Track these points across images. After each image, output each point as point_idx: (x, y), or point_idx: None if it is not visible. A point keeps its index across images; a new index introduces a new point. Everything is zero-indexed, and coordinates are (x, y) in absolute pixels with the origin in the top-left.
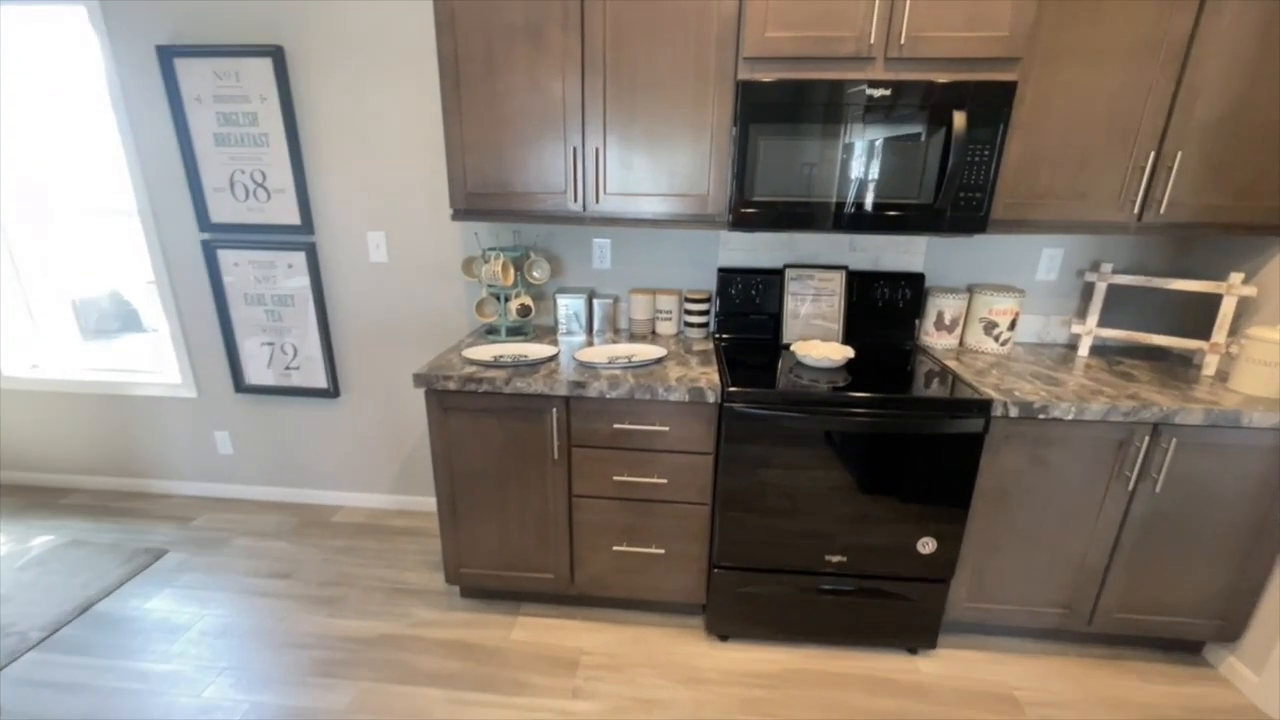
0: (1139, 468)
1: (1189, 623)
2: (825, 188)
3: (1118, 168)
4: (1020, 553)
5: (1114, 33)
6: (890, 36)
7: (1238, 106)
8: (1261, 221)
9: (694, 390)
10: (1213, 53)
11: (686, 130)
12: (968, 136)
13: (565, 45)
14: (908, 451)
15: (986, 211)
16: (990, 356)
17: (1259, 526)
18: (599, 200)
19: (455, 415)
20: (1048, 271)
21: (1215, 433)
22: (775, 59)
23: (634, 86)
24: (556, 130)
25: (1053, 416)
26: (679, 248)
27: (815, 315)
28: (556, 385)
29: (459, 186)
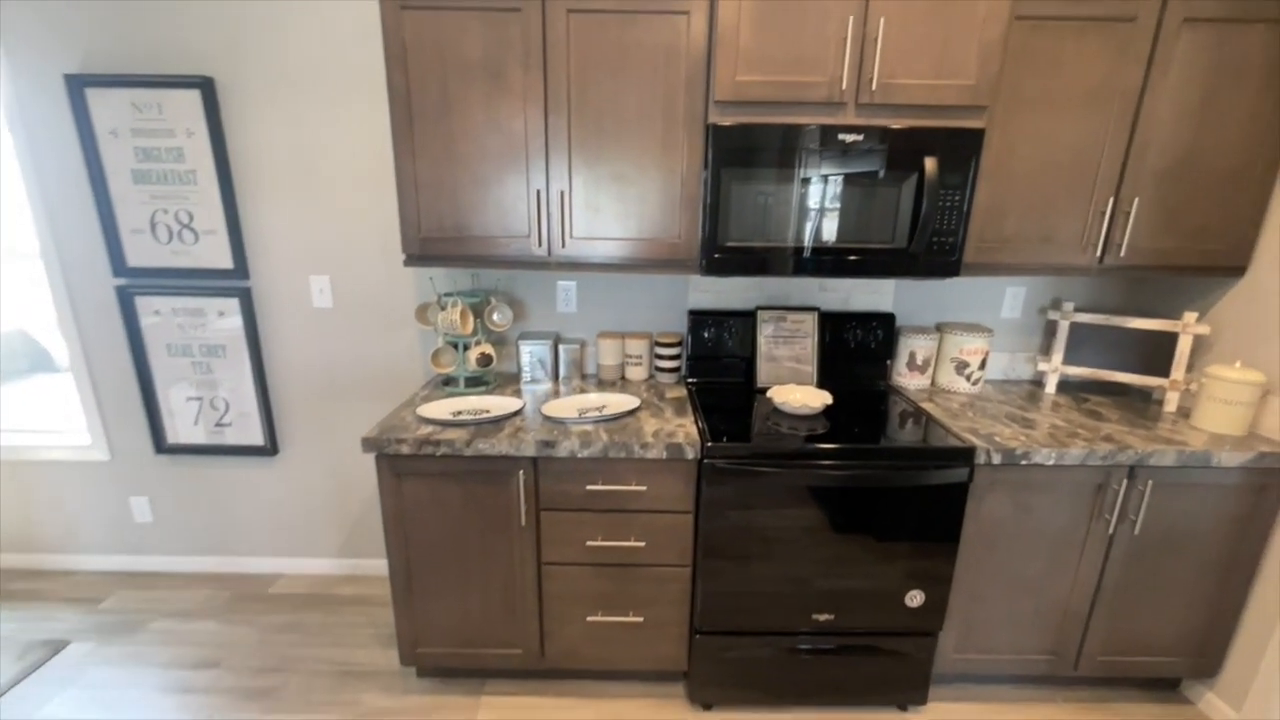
0: (1118, 510)
1: (1168, 661)
2: (799, 232)
3: (1080, 212)
4: (1007, 600)
5: (1071, 83)
6: (861, 82)
7: (1186, 155)
8: (1211, 263)
9: (672, 446)
10: (1162, 104)
11: (656, 173)
12: (939, 182)
13: (527, 84)
14: (893, 502)
15: (960, 255)
16: (963, 396)
17: (1231, 562)
18: (565, 245)
19: (410, 481)
20: (1011, 309)
21: (1187, 473)
22: (746, 103)
23: (600, 128)
24: (519, 172)
25: (1034, 462)
26: (647, 290)
27: (789, 358)
28: (523, 445)
29: (412, 230)
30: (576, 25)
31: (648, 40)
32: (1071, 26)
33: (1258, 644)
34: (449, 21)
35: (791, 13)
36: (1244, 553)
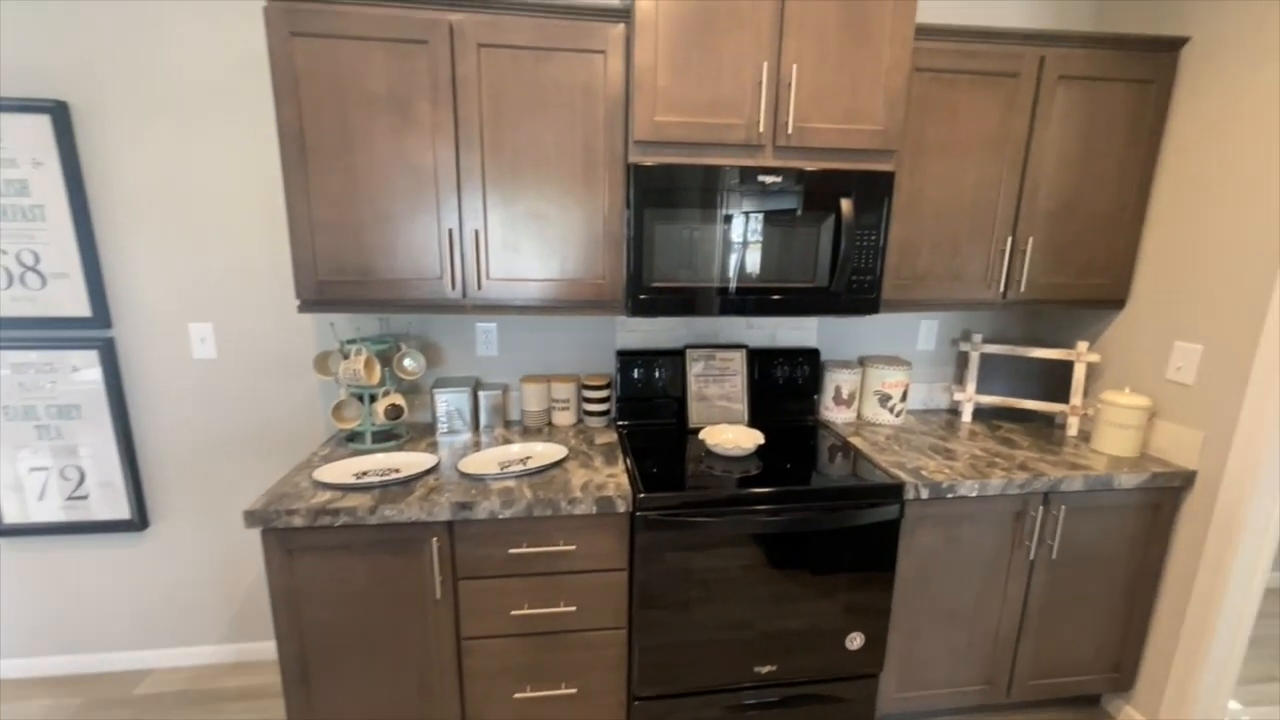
0: (1037, 536)
1: (1089, 679)
2: (724, 272)
3: (983, 251)
4: (943, 634)
5: (969, 130)
6: (778, 126)
7: (1070, 198)
8: (1097, 296)
9: (602, 500)
10: (1046, 151)
11: (578, 212)
12: (855, 222)
13: (436, 119)
14: (829, 543)
15: (878, 293)
16: (888, 429)
17: (1137, 579)
18: (481, 286)
19: (305, 557)
20: (926, 342)
21: (1094, 496)
22: (666, 143)
23: (517, 166)
24: (429, 210)
25: (960, 494)
26: (574, 330)
27: (720, 396)
28: (436, 509)
29: (308, 273)
30: (488, 60)
31: (564, 78)
32: (965, 79)
33: (1165, 656)
34: (348, 51)
35: (707, 58)
36: (1147, 569)
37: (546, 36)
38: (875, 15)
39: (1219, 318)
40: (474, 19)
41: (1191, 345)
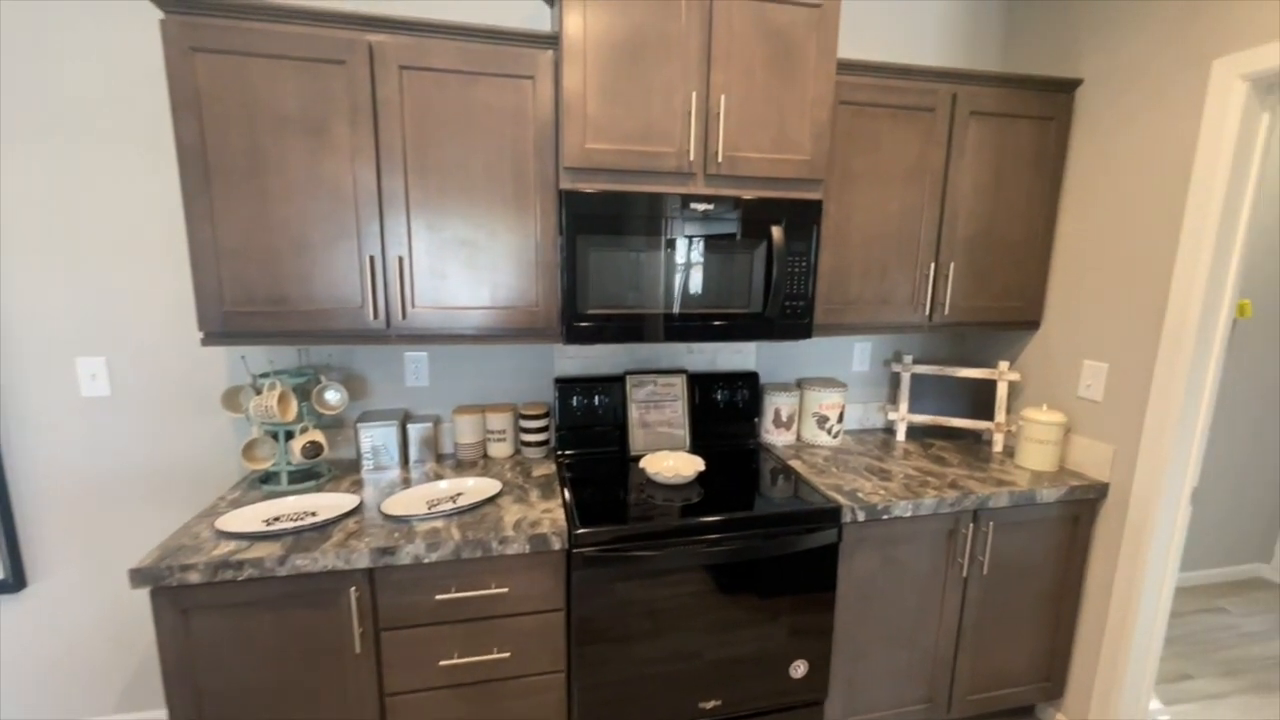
0: (969, 553)
1: (1023, 689)
2: (660, 299)
3: (909, 276)
4: (884, 655)
5: (892, 161)
6: (708, 154)
7: (986, 225)
8: (1014, 318)
9: (536, 538)
10: (963, 182)
11: (509, 238)
12: (787, 249)
13: (355, 142)
14: (770, 570)
15: (811, 318)
16: (826, 450)
17: (1062, 590)
18: (406, 315)
19: (203, 617)
20: (860, 363)
21: (1019, 511)
22: (598, 170)
23: (444, 191)
24: (349, 237)
25: (895, 515)
26: (510, 358)
27: (661, 422)
28: (355, 555)
29: (212, 303)
30: (412, 83)
31: (493, 102)
32: (886, 112)
33: (1090, 662)
34: (256, 70)
35: (637, 86)
36: (1070, 579)
37: (472, 60)
38: (799, 50)
39: (1120, 338)
40: (395, 41)
41: (1098, 364)
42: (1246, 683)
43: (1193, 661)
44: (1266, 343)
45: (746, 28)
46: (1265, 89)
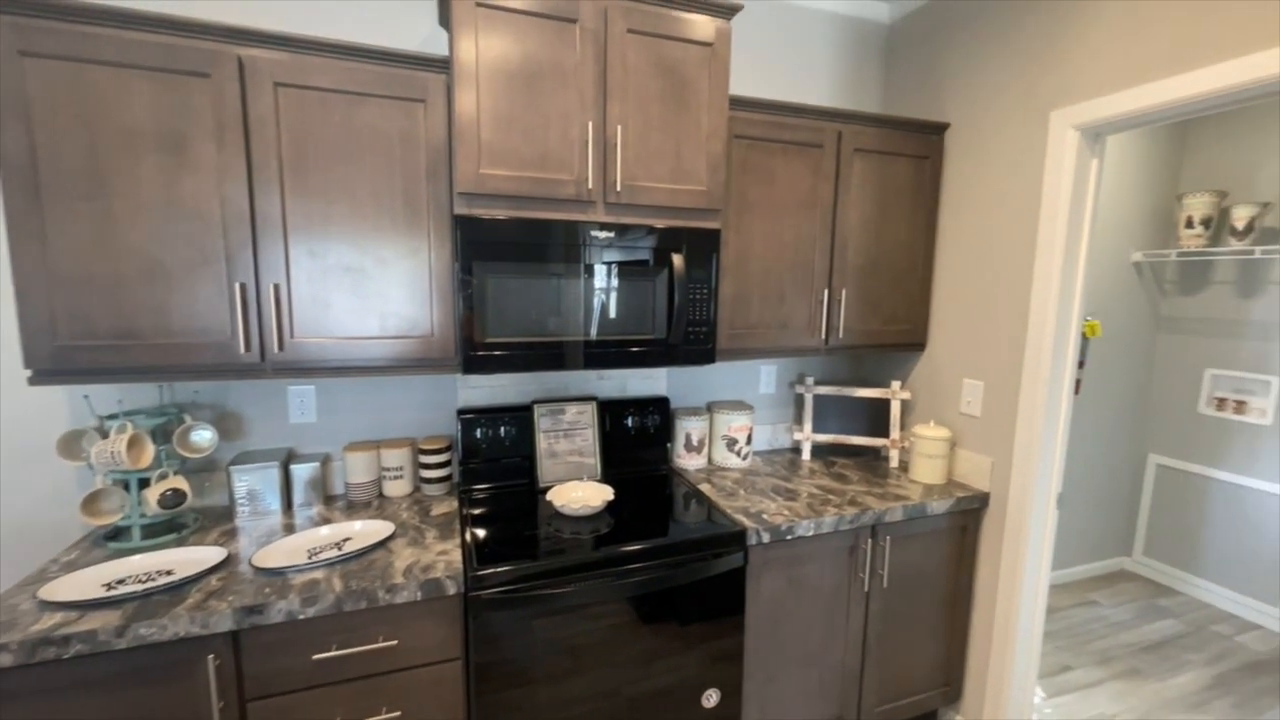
0: (869, 567)
1: (925, 696)
2: (562, 326)
3: (806, 302)
4: (794, 676)
5: (786, 193)
6: (607, 183)
7: (874, 254)
8: (902, 341)
9: (428, 584)
10: (851, 213)
11: (401, 265)
12: (688, 276)
13: (223, 163)
14: (677, 600)
15: (714, 343)
16: (736, 472)
17: (954, 596)
18: (284, 347)
19: (15, 709)
20: (767, 386)
21: (912, 524)
22: (495, 196)
23: (327, 215)
24: (215, 263)
25: (799, 535)
26: (409, 390)
27: (571, 451)
28: (215, 618)
29: (42, 337)
30: (289, 101)
31: (382, 125)
32: (778, 147)
33: (982, 663)
34: (101, 79)
35: (533, 115)
36: (961, 586)
37: (359, 81)
38: (693, 86)
39: (993, 357)
40: (270, 56)
41: (976, 382)
42: (1118, 669)
43: (1071, 653)
44: (1116, 357)
45: (641, 63)
46: (1093, 137)
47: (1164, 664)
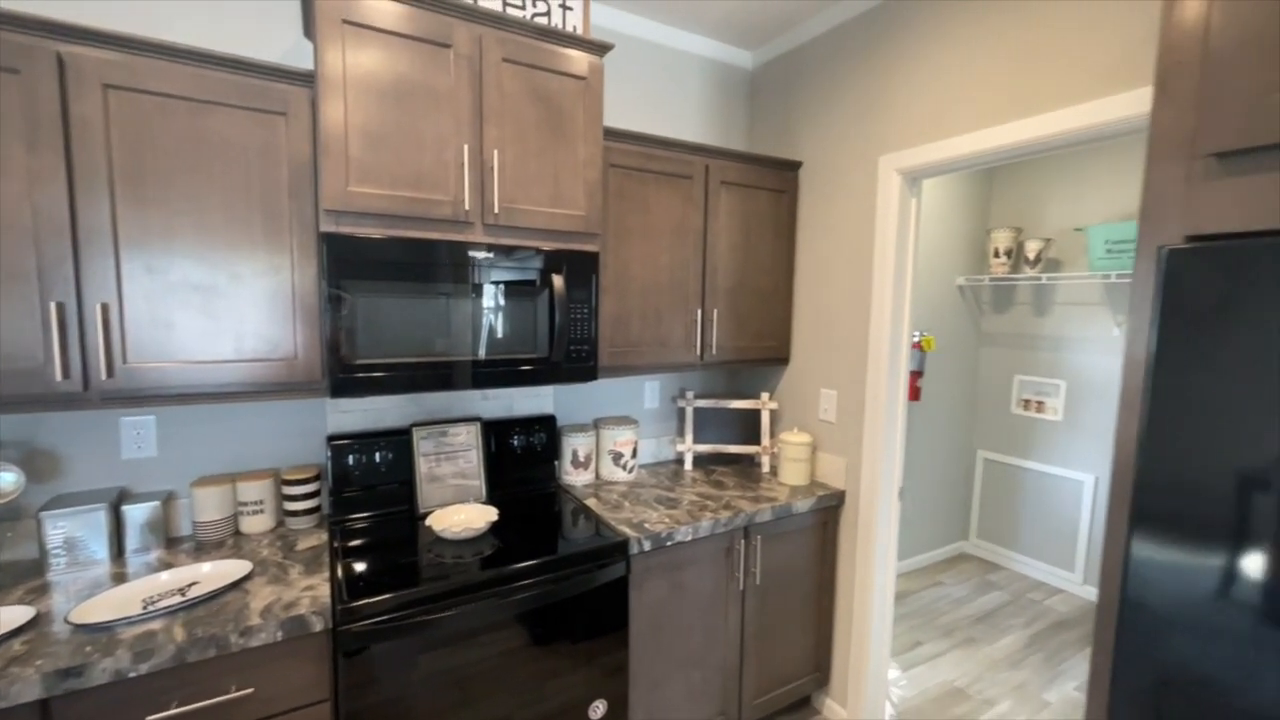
0: (744, 566)
1: (800, 684)
2: (442, 346)
3: (683, 321)
4: (679, 679)
5: (660, 220)
6: (485, 205)
7: (741, 277)
8: (769, 356)
9: (291, 623)
10: (719, 240)
11: (260, 284)
12: (568, 296)
13: (36, 166)
14: (563, 614)
15: (595, 361)
16: (622, 486)
17: (820, 587)
18: (114, 373)
19: None
20: (651, 400)
21: (780, 523)
22: (365, 214)
23: (170, 229)
24: (24, 280)
25: (678, 541)
26: (270, 416)
27: (454, 474)
28: (18, 687)
29: None
30: (121, 104)
31: (236, 136)
32: (651, 177)
33: (845, 647)
34: None
35: (406, 134)
36: (825, 578)
37: (207, 89)
38: (569, 116)
39: (843, 369)
40: (98, 55)
41: (831, 391)
42: (958, 639)
43: (922, 630)
44: (948, 367)
45: (518, 90)
46: (911, 180)
47: (992, 630)
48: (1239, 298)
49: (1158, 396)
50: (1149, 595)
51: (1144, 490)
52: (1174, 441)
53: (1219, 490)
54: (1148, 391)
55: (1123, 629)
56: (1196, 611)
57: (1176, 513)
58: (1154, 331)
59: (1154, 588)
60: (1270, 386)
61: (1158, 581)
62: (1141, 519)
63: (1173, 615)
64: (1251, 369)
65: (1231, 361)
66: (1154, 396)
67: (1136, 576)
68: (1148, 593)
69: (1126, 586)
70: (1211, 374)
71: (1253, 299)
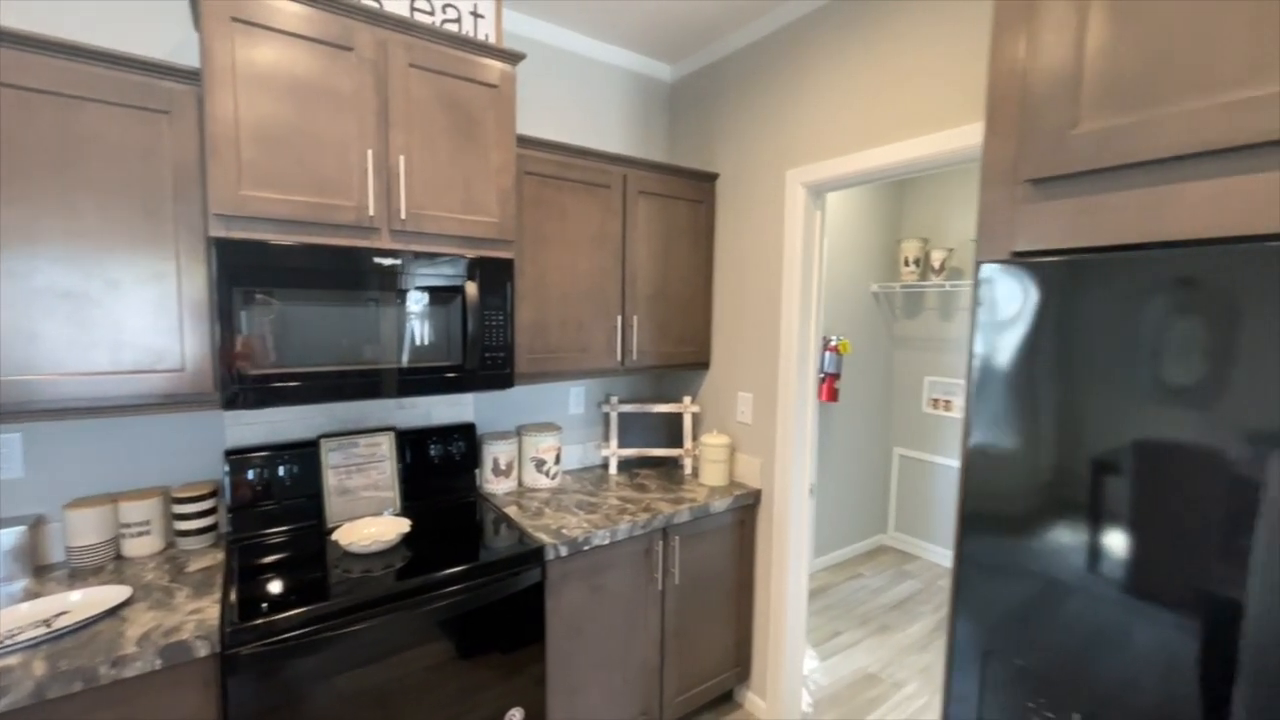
0: (662, 567)
1: (721, 679)
2: (350, 355)
3: (604, 327)
4: (600, 682)
5: (579, 228)
6: (391, 211)
7: (661, 285)
8: (691, 361)
9: (172, 649)
10: (639, 248)
11: (141, 292)
12: (481, 304)
13: None
14: (476, 624)
15: (511, 368)
16: (545, 492)
17: (740, 584)
18: None
19: None
20: (577, 406)
21: (698, 523)
22: (260, 219)
23: (31, 232)
24: None
25: (595, 545)
26: (160, 431)
27: (366, 486)
28: None
29: None
30: None
31: (111, 135)
32: (568, 185)
33: (764, 640)
34: None
35: (306, 139)
36: (744, 574)
37: (77, 84)
38: (481, 123)
39: (758, 373)
40: None
41: (747, 394)
42: (873, 627)
43: (841, 620)
44: (864, 369)
45: (427, 97)
46: (815, 194)
47: (905, 617)
48: (1039, 309)
49: (980, 395)
50: (975, 574)
51: (969, 492)
52: (989, 433)
53: (1028, 486)
54: (970, 391)
55: (956, 605)
56: (1008, 589)
57: (996, 512)
58: (975, 337)
59: (978, 565)
60: (1065, 388)
61: (981, 558)
62: (967, 516)
63: (992, 595)
64: (1049, 373)
65: (1032, 367)
66: (976, 395)
67: (967, 559)
68: (975, 572)
69: (961, 565)
70: (1021, 378)
71: (1051, 310)
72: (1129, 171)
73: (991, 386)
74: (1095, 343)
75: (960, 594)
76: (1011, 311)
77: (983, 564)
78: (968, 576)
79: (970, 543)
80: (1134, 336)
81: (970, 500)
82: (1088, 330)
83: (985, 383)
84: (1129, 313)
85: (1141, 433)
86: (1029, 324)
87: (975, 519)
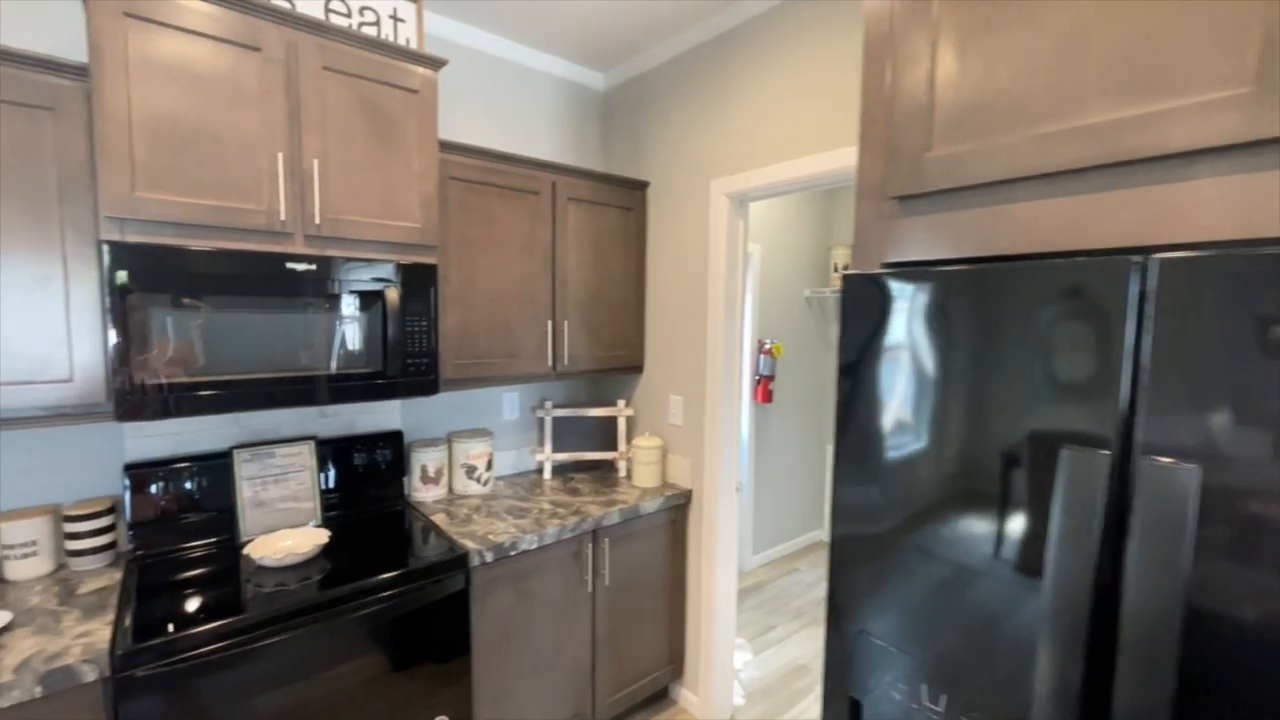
0: (592, 569)
1: (655, 676)
2: (263, 363)
3: (534, 333)
4: (529, 687)
5: (507, 233)
6: (305, 215)
7: (593, 290)
8: (624, 365)
9: (54, 675)
10: (569, 254)
11: (20, 298)
12: (404, 309)
13: None
14: (397, 635)
15: (436, 374)
16: (475, 499)
17: (672, 583)
18: None
19: None
20: (511, 411)
21: (629, 524)
22: (158, 222)
23: None
24: None
25: (522, 550)
26: (49, 445)
27: (284, 498)
28: None
29: None
30: None
31: None
32: (495, 191)
33: (696, 637)
34: None
35: (209, 141)
36: (676, 573)
37: None
38: (401, 128)
39: (688, 376)
40: None
41: (678, 397)
42: (806, 620)
43: (775, 615)
44: (799, 372)
45: (342, 100)
46: (738, 203)
47: None
48: (890, 317)
49: (850, 398)
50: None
51: (837, 483)
52: (853, 425)
53: (884, 480)
54: (842, 390)
55: (833, 590)
56: (869, 573)
57: (858, 503)
58: (841, 343)
59: (846, 551)
60: (912, 390)
61: (846, 544)
62: (836, 508)
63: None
64: (894, 377)
65: (882, 370)
66: (849, 394)
67: (837, 544)
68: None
69: (832, 549)
70: (875, 379)
71: (902, 319)
72: (970, 193)
73: (857, 389)
74: (934, 349)
75: (834, 578)
76: (871, 318)
77: (848, 550)
78: (839, 560)
79: (838, 528)
80: (962, 344)
81: (836, 503)
82: (931, 335)
83: (852, 385)
84: (962, 321)
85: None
86: (880, 330)
87: (837, 513)
